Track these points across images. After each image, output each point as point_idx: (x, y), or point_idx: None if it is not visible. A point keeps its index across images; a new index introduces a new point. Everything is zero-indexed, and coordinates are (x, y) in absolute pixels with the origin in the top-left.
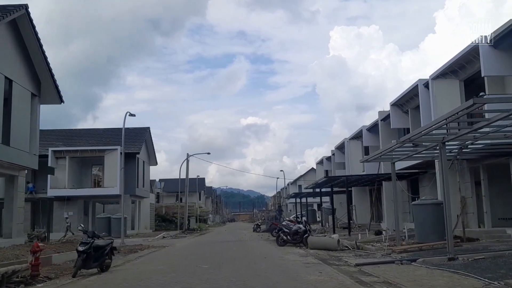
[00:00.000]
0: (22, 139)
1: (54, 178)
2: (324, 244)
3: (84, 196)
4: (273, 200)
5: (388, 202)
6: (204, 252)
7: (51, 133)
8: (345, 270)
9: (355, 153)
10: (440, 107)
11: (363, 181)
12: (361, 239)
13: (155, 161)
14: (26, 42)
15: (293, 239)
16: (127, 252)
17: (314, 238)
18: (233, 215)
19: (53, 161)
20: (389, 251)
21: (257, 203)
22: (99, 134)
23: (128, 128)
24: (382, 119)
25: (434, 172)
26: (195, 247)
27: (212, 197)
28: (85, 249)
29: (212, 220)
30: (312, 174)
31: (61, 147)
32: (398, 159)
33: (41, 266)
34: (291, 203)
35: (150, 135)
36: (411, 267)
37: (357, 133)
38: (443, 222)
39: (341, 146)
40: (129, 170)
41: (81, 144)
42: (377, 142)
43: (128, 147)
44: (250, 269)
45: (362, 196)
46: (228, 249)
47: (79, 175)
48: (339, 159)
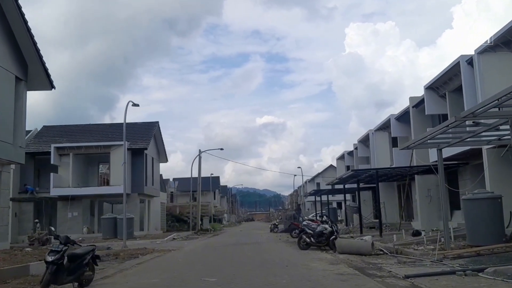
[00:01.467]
0: (4, 129)
1: (57, 176)
2: (356, 248)
3: (90, 196)
4: (290, 199)
5: (421, 198)
6: (214, 258)
7: (54, 129)
8: (394, 285)
9: (381, 146)
10: (489, 86)
11: (393, 175)
12: (397, 241)
13: (165, 158)
14: (11, 23)
15: (317, 241)
16: (126, 258)
17: (344, 240)
18: (249, 214)
19: (56, 158)
20: (440, 257)
21: (273, 202)
22: (105, 129)
23: (136, 123)
24: (414, 106)
25: (478, 163)
26: (204, 252)
27: (227, 196)
28: (55, 258)
29: (227, 220)
30: (331, 171)
31: (64, 144)
32: (447, 144)
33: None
34: (309, 202)
35: (159, 130)
36: (481, 281)
37: (384, 123)
38: (500, 220)
39: (365, 139)
40: (136, 167)
41: (86, 140)
42: (407, 132)
43: (135, 142)
44: (269, 286)
45: (389, 192)
46: (242, 254)
47: (85, 174)
48: (363, 153)
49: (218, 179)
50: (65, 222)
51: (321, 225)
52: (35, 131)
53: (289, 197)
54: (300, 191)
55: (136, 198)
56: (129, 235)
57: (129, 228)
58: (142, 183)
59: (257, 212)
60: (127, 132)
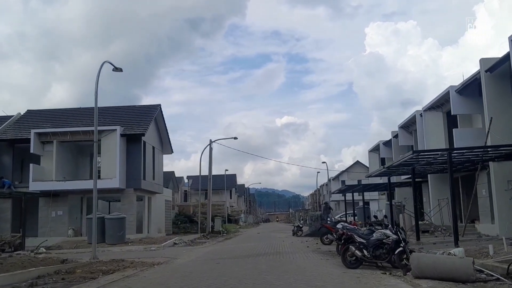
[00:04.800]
0: None
1: (38, 168)
2: (448, 269)
3: (77, 191)
4: (311, 199)
5: (499, 192)
6: (209, 284)
7: (39, 113)
8: None
9: (434, 129)
10: None
11: (458, 162)
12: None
13: (169, 149)
14: None
15: (374, 255)
16: (78, 280)
17: (425, 256)
18: (268, 215)
19: (38, 146)
20: None
21: (293, 203)
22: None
23: (134, 106)
24: (488, 70)
25: None
26: (202, 268)
27: (245, 196)
28: None
29: (244, 221)
30: (357, 168)
31: (46, 129)
32: None
33: None
34: (334, 201)
35: (162, 116)
36: None
37: (438, 100)
38: None
39: (409, 123)
40: (132, 157)
41: (75, 126)
42: (473, 108)
43: (131, 127)
44: None
45: (441, 187)
46: (256, 275)
47: (73, 165)
48: (405, 140)
49: (235, 177)
50: (48, 223)
51: (379, 231)
52: (18, 115)
53: (309, 197)
54: (322, 190)
55: (131, 195)
56: (120, 239)
57: (120, 231)
58: (139, 177)
59: (275, 212)
60: (122, 116)
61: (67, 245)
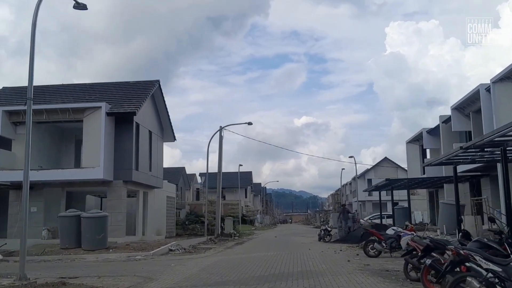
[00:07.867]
0: None
1: (8, 154)
2: None
3: (55, 183)
4: (331, 199)
5: None
6: None
7: (15, 90)
8: None
9: (506, 104)
10: None
11: None
12: None
13: (171, 136)
14: None
15: None
16: None
17: None
18: (285, 215)
19: (8, 128)
20: None
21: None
22: (85, 90)
23: (128, 82)
24: None
25: None
26: None
27: (261, 195)
28: None
29: (260, 222)
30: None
31: (18, 106)
32: None
33: None
34: (360, 201)
35: (162, 94)
36: None
37: (509, 70)
38: None
39: (466, 104)
40: (121, 142)
41: (52, 103)
42: None
43: (120, 105)
44: None
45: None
46: None
47: (55, 152)
48: (461, 125)
49: (250, 174)
50: (18, 222)
51: None
52: None
53: (330, 197)
54: (345, 190)
55: (120, 188)
56: (100, 243)
57: (100, 233)
58: (130, 166)
59: (293, 213)
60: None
61: (37, 250)
